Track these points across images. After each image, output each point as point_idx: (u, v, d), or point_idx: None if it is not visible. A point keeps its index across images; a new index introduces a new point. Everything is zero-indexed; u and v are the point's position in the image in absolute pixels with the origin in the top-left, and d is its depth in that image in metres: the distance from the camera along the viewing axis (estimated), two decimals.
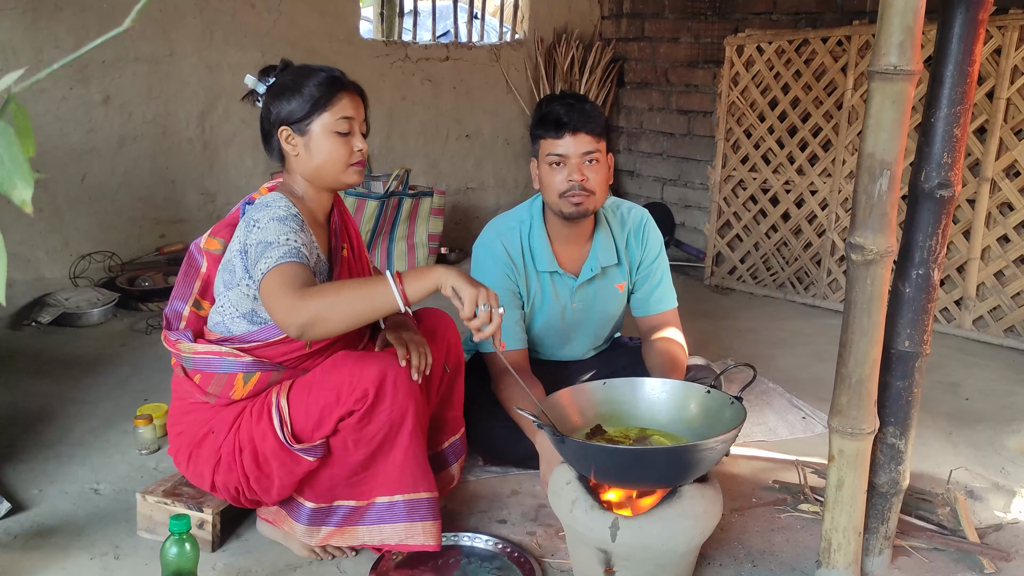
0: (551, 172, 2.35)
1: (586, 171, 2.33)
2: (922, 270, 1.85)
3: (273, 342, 1.92)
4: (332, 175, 1.95)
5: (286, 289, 1.70)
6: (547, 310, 2.54)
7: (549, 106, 2.35)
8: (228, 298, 1.94)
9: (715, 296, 4.55)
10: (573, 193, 2.33)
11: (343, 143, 1.93)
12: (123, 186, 4.11)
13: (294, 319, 1.68)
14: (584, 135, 2.31)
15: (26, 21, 3.67)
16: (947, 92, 1.77)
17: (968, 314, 3.79)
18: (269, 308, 1.74)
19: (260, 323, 1.93)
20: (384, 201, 4.26)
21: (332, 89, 1.91)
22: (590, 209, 2.38)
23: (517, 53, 5.43)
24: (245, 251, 1.86)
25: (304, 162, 1.95)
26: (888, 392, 1.91)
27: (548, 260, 2.48)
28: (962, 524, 2.16)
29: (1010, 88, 3.54)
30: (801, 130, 4.26)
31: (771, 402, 3.04)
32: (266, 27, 4.42)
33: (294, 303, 1.68)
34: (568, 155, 2.32)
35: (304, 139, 1.93)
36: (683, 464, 1.79)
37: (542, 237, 2.48)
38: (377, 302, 1.70)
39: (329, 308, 1.68)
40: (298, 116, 1.91)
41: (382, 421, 1.85)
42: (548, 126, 2.33)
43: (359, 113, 1.96)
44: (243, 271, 1.88)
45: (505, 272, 2.46)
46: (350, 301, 1.70)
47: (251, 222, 1.86)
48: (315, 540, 1.98)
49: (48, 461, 2.44)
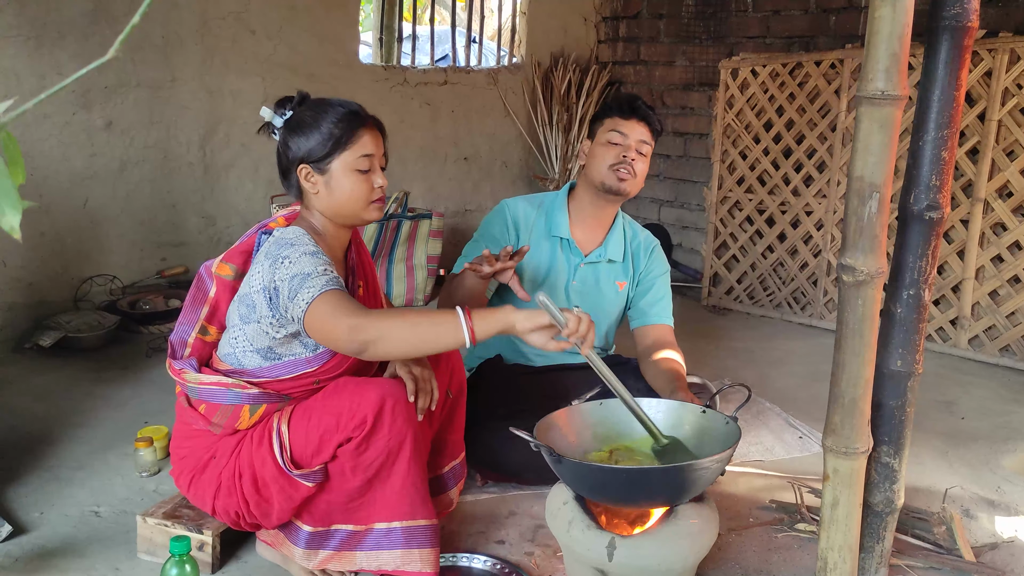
0: (608, 147, 2.55)
1: (637, 156, 2.54)
2: (913, 291, 1.87)
3: (284, 379, 1.92)
4: (352, 212, 1.94)
5: (346, 308, 1.72)
6: (548, 281, 2.63)
7: (627, 94, 2.66)
8: (244, 331, 1.92)
9: (712, 316, 4.57)
10: (622, 167, 2.52)
11: (363, 180, 1.91)
12: (124, 210, 4.14)
13: (358, 335, 1.69)
14: (646, 127, 2.55)
15: (29, 48, 3.72)
16: (934, 116, 1.80)
17: (963, 334, 3.81)
18: (326, 327, 1.73)
19: (274, 359, 1.92)
20: (383, 224, 4.29)
21: (352, 126, 1.90)
22: (628, 190, 2.56)
23: (515, 77, 5.49)
24: (274, 288, 1.82)
25: (324, 199, 1.93)
26: (881, 411, 1.93)
27: (563, 228, 2.65)
28: (958, 543, 2.17)
29: (1001, 110, 3.58)
30: (796, 152, 4.31)
31: (768, 422, 3.05)
32: (266, 53, 4.47)
33: (359, 321, 1.70)
34: (629, 136, 2.54)
35: (324, 177, 1.91)
36: (679, 483, 1.81)
37: (562, 209, 2.67)
38: (444, 333, 1.71)
39: (395, 328, 1.71)
40: (318, 155, 1.89)
41: (380, 448, 1.84)
42: (622, 107, 2.56)
43: (379, 148, 1.95)
44: (267, 309, 1.85)
45: (501, 229, 2.67)
46: (415, 325, 1.72)
47: (278, 259, 1.82)
48: (313, 564, 1.98)
49: (49, 484, 2.45)
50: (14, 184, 0.68)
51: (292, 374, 1.91)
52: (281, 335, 1.87)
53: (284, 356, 1.91)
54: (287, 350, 1.91)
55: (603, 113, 2.61)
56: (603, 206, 2.63)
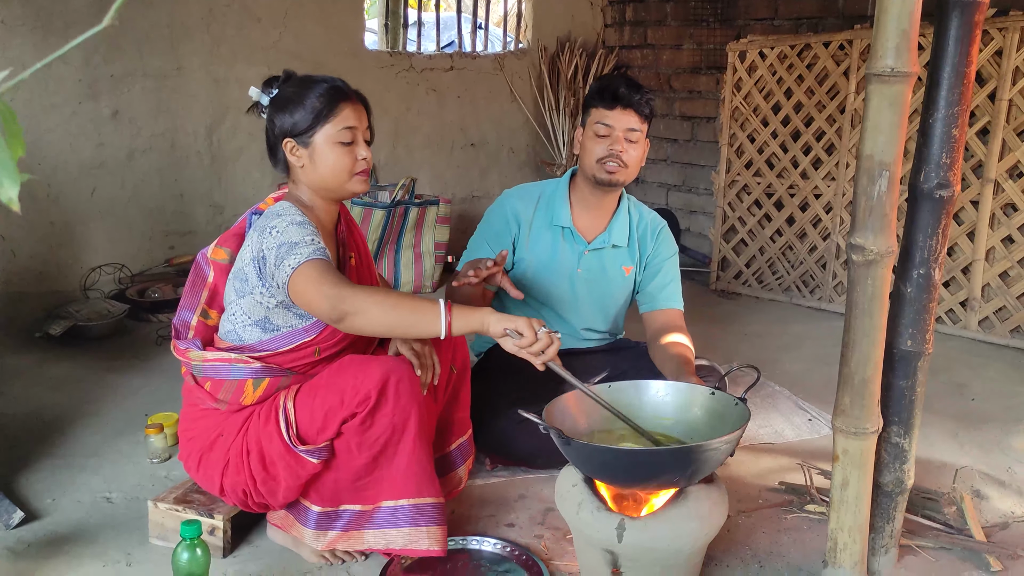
0: (595, 140, 2.50)
1: (626, 146, 2.48)
2: (923, 270, 1.86)
3: (285, 351, 1.95)
4: (337, 185, 1.98)
5: (330, 277, 1.77)
6: (554, 271, 2.62)
7: (609, 80, 2.52)
8: (240, 306, 1.97)
9: (721, 301, 4.56)
10: (609, 160, 2.47)
11: (346, 153, 1.95)
12: (132, 199, 4.15)
13: (339, 304, 1.74)
14: (632, 113, 2.47)
15: (36, 38, 3.73)
16: (944, 94, 1.78)
17: (973, 315, 3.79)
18: (308, 292, 1.78)
19: (273, 331, 1.95)
20: (390, 210, 4.29)
21: (334, 100, 1.94)
22: (621, 180, 2.52)
23: (521, 62, 5.47)
24: (262, 258, 1.87)
25: (309, 173, 1.98)
26: (891, 392, 1.93)
27: (565, 217, 2.62)
28: (968, 523, 2.17)
29: (1012, 89, 3.55)
30: (804, 134, 4.28)
31: (777, 405, 3.05)
32: (272, 41, 4.47)
33: (342, 290, 1.75)
34: (614, 127, 2.47)
35: (308, 151, 1.95)
36: (688, 464, 1.80)
37: (563, 198, 2.63)
38: (421, 320, 1.77)
39: (375, 305, 1.76)
40: (301, 128, 1.94)
41: (385, 424, 1.87)
42: (604, 97, 2.48)
43: (362, 122, 1.99)
44: (257, 279, 1.90)
45: (502, 224, 2.63)
46: (396, 307, 1.77)
47: (265, 229, 1.88)
48: (322, 544, 1.99)
49: (61, 471, 2.47)
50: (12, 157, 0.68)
51: (292, 344, 1.94)
52: (273, 304, 1.91)
53: (282, 327, 1.94)
54: (283, 321, 1.94)
55: (588, 101, 2.54)
56: (602, 195, 2.61)
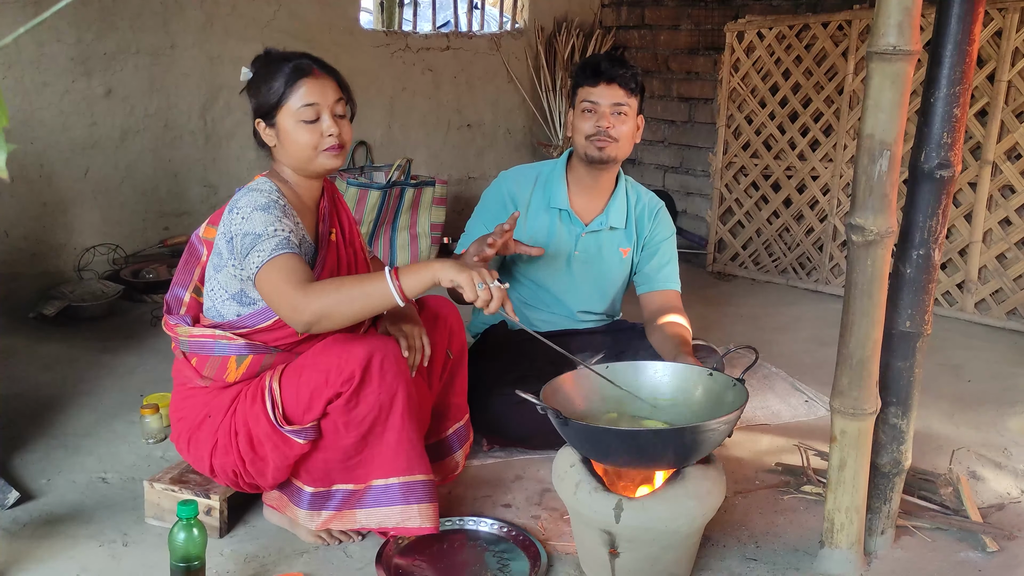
0: (583, 118, 2.50)
1: (614, 120, 2.47)
2: (922, 250, 1.86)
3: (266, 327, 1.95)
4: (306, 161, 1.96)
5: (287, 286, 1.77)
6: (551, 253, 2.61)
7: (592, 58, 2.54)
8: (217, 281, 1.97)
9: (717, 283, 4.56)
10: (599, 138, 2.48)
11: (310, 130, 1.93)
12: (126, 179, 4.12)
13: (299, 317, 1.77)
14: (617, 87, 2.46)
15: (28, 15, 3.68)
16: (946, 72, 1.77)
17: (970, 297, 3.79)
18: (272, 305, 1.83)
19: (249, 304, 1.95)
20: (386, 191, 4.26)
21: (292, 78, 1.92)
22: (612, 156, 2.51)
23: (517, 42, 5.43)
24: (231, 238, 1.88)
25: (280, 152, 1.99)
26: (889, 372, 1.92)
27: (562, 199, 2.61)
28: (965, 504, 2.17)
29: (1011, 70, 3.53)
30: (802, 115, 4.26)
31: (774, 386, 3.05)
32: (266, 18, 4.42)
33: (298, 301, 1.76)
34: (599, 103, 2.47)
35: (275, 131, 1.96)
36: (686, 445, 1.80)
37: (561, 180, 2.63)
38: (376, 298, 1.78)
39: (332, 305, 1.76)
40: (266, 108, 1.94)
41: (371, 403, 1.86)
42: (587, 74, 2.49)
43: (325, 97, 1.94)
44: (229, 254, 1.91)
45: (500, 205, 2.63)
46: (351, 297, 1.78)
47: (234, 208, 1.89)
48: (316, 524, 1.99)
49: (56, 451, 2.46)
50: None
51: (269, 320, 1.93)
52: (245, 275, 1.90)
53: (257, 301, 1.94)
54: (258, 295, 1.93)
55: (574, 82, 2.55)
56: (597, 175, 2.60)
